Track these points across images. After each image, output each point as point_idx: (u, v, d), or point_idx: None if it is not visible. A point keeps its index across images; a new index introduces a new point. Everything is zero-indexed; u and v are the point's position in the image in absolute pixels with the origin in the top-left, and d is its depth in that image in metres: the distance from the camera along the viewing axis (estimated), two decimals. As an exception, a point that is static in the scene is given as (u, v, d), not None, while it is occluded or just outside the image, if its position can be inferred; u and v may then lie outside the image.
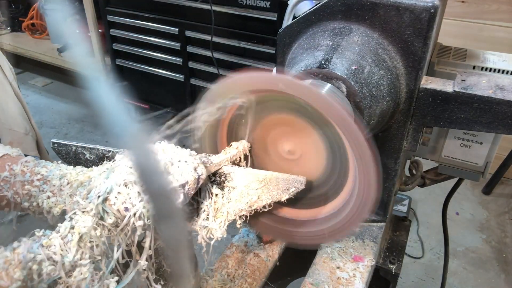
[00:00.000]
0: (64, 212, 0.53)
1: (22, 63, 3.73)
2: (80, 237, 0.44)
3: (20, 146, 0.61)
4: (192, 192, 0.51)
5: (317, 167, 0.60)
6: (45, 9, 3.05)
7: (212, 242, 0.54)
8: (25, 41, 3.31)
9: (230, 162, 0.60)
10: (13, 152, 0.58)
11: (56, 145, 0.64)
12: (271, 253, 0.75)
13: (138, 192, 0.46)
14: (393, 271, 0.80)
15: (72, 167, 0.57)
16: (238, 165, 0.61)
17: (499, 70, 0.78)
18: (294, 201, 0.59)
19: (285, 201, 0.56)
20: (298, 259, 0.81)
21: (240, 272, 0.71)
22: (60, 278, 0.42)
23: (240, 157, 0.61)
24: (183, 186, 0.49)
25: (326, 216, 0.59)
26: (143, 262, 0.48)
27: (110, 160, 0.61)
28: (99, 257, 0.45)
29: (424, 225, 2.09)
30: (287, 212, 0.62)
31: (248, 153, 0.62)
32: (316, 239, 0.60)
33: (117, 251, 0.47)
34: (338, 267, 0.69)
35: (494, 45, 2.14)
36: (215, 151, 0.62)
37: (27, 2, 3.41)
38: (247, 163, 0.63)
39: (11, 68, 1.22)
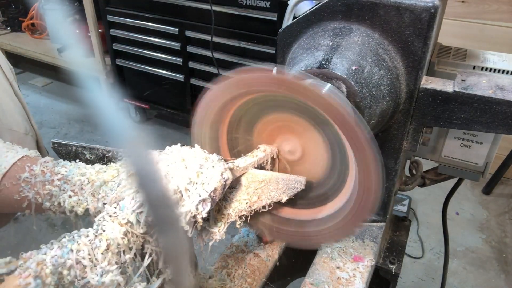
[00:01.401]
0: (87, 211, 0.54)
1: (22, 63, 3.73)
2: (108, 244, 0.44)
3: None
4: (218, 199, 0.51)
5: (317, 167, 0.60)
6: (45, 9, 3.05)
7: (211, 243, 0.54)
8: (25, 41, 3.30)
9: (257, 165, 0.59)
10: (31, 153, 0.59)
11: (56, 145, 0.64)
12: (271, 253, 0.75)
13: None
14: (393, 271, 0.80)
15: (90, 165, 0.58)
16: (265, 168, 0.61)
17: (499, 70, 0.78)
18: (294, 201, 0.59)
19: (285, 201, 0.56)
20: (298, 259, 0.81)
21: (240, 272, 0.71)
22: (88, 282, 0.42)
23: (267, 160, 0.61)
24: (210, 194, 0.49)
25: (326, 216, 0.59)
26: (170, 271, 0.48)
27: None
28: (127, 263, 0.46)
29: (424, 225, 2.09)
30: (287, 212, 0.62)
31: (276, 156, 0.62)
32: (316, 239, 0.60)
33: (147, 258, 0.47)
34: (338, 267, 0.69)
35: (494, 45, 2.14)
36: (215, 150, 0.62)
37: (27, 2, 3.41)
38: (273, 166, 0.62)
39: (11, 68, 1.22)
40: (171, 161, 0.51)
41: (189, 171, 0.49)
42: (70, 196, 0.54)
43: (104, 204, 0.52)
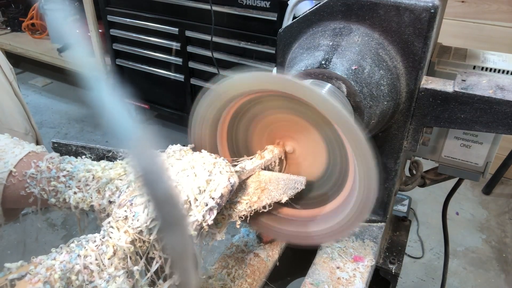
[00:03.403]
0: (92, 208, 0.54)
1: (22, 63, 3.73)
2: (115, 250, 0.45)
3: None
4: (223, 204, 0.51)
5: (317, 167, 0.60)
6: (45, 9, 3.05)
7: (211, 243, 0.54)
8: (25, 41, 3.31)
9: (265, 167, 0.59)
10: (38, 149, 0.59)
11: (56, 145, 0.64)
12: (271, 253, 0.75)
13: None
14: (393, 271, 0.80)
15: (96, 162, 0.58)
16: (272, 169, 0.61)
17: (499, 70, 0.78)
18: (294, 201, 0.59)
19: (285, 201, 0.56)
20: (298, 259, 0.81)
21: (240, 272, 0.71)
22: (95, 287, 0.43)
23: (275, 162, 0.60)
24: (216, 202, 0.49)
25: (326, 216, 0.59)
26: (176, 275, 0.48)
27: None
28: (134, 267, 0.46)
29: (424, 225, 2.09)
30: (287, 212, 0.62)
31: (283, 157, 0.61)
32: (315, 239, 0.60)
33: (154, 264, 0.47)
34: (338, 267, 0.69)
35: (494, 45, 2.14)
36: (215, 150, 0.62)
37: (27, 2, 3.41)
38: (281, 168, 0.62)
39: (11, 68, 1.22)
40: (181, 168, 0.51)
41: (198, 180, 0.49)
42: (75, 193, 0.55)
43: (110, 201, 0.52)
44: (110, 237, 0.45)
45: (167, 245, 0.46)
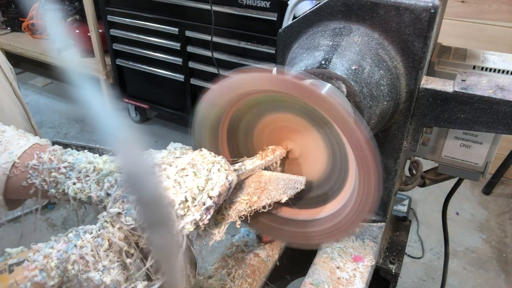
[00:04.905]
0: (90, 199, 0.54)
1: (22, 63, 3.73)
2: (110, 243, 0.45)
3: None
4: (221, 202, 0.51)
5: (317, 167, 0.60)
6: (44, 9, 3.05)
7: (211, 243, 0.54)
8: (25, 41, 3.30)
9: (266, 167, 0.59)
10: (42, 141, 0.60)
11: (56, 144, 0.64)
12: (271, 253, 0.75)
13: (182, 209, 0.47)
14: (393, 271, 0.80)
15: (98, 155, 0.58)
16: (274, 170, 0.61)
17: (499, 70, 0.78)
18: (294, 201, 0.59)
19: (285, 201, 0.56)
20: (298, 259, 0.81)
21: (240, 272, 0.71)
22: (90, 277, 0.44)
23: (276, 162, 0.60)
24: (214, 201, 0.49)
25: (326, 216, 0.59)
26: (163, 272, 0.48)
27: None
28: (128, 260, 0.46)
29: (424, 225, 2.09)
30: (287, 212, 0.62)
31: (284, 157, 0.61)
32: (316, 239, 0.60)
33: (150, 259, 0.47)
34: (338, 267, 0.69)
35: (494, 45, 2.14)
36: (215, 150, 0.62)
37: (26, 2, 3.40)
38: (282, 168, 0.62)
39: (11, 68, 1.22)
40: (181, 167, 0.51)
41: (198, 179, 0.49)
42: (74, 183, 0.55)
43: (108, 194, 0.52)
44: (105, 230, 0.46)
45: (153, 245, 0.46)
